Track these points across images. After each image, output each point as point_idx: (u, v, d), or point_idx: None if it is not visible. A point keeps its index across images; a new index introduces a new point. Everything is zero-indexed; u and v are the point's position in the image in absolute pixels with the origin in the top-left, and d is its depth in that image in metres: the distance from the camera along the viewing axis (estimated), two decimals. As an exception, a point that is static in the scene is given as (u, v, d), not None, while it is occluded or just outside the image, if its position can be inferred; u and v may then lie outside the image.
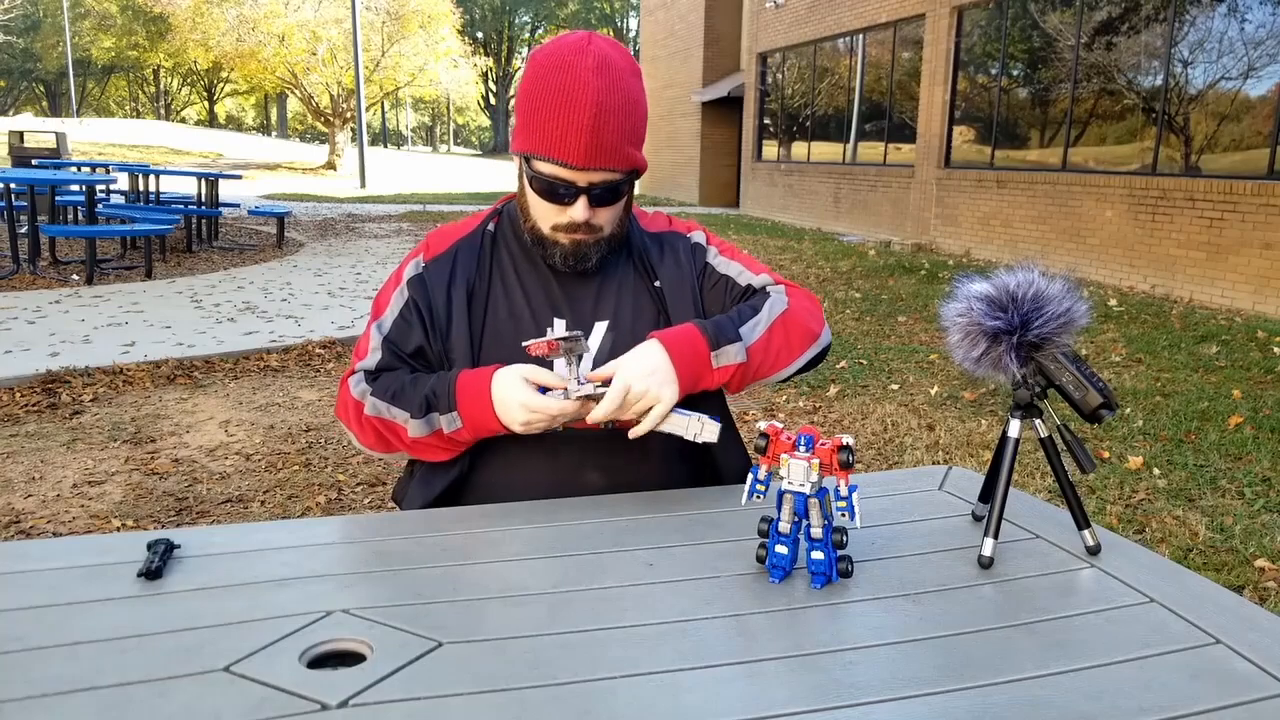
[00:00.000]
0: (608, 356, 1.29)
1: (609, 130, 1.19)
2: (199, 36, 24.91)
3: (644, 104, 1.26)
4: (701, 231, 1.44)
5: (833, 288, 8.08)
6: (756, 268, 1.40)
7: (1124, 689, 0.80)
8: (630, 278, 1.36)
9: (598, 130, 1.18)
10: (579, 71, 1.18)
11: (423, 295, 1.32)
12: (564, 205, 1.23)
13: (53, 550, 1.06)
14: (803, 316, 1.33)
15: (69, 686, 0.77)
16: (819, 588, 0.97)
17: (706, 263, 1.40)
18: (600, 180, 1.22)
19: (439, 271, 1.33)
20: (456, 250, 1.34)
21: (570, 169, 1.20)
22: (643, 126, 1.25)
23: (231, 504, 3.11)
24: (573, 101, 1.18)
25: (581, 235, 1.26)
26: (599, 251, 1.29)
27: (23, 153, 11.64)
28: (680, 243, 1.41)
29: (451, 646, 0.85)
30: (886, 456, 3.75)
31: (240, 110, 65.66)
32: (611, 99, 1.19)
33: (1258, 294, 7.13)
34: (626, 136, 1.21)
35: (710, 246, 1.41)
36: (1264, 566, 2.74)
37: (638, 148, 1.25)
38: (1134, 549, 1.10)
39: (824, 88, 14.56)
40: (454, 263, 1.33)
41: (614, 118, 1.19)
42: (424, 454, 1.28)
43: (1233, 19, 7.62)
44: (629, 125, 1.21)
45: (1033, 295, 1.01)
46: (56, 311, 5.85)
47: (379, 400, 1.27)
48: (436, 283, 1.32)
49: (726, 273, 1.39)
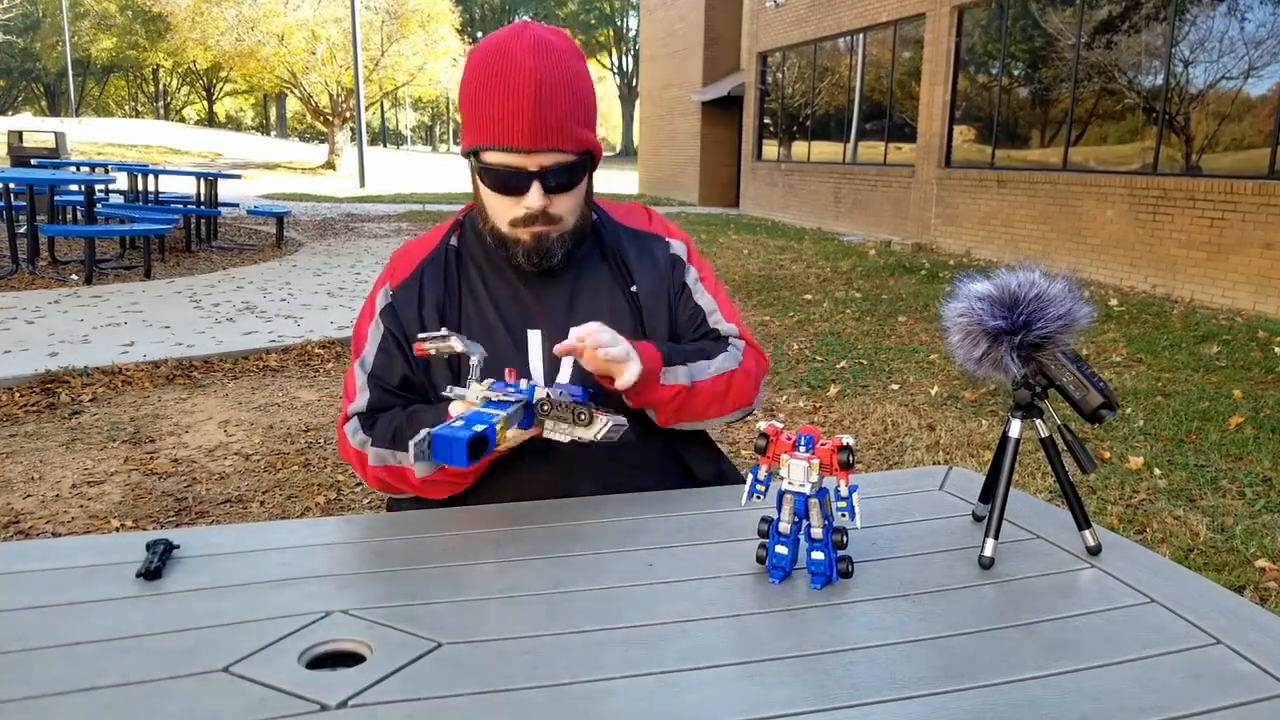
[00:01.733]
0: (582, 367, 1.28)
1: (553, 107, 1.15)
2: (198, 36, 24.92)
3: (588, 84, 1.22)
4: (683, 242, 1.39)
5: (833, 288, 8.08)
6: (729, 311, 1.37)
7: (1124, 689, 0.80)
8: (605, 280, 1.32)
9: (540, 108, 1.14)
10: (514, 54, 1.15)
11: (396, 325, 1.28)
12: (518, 196, 1.19)
13: (52, 550, 1.06)
14: (745, 382, 1.31)
15: (69, 686, 0.77)
16: (819, 588, 0.97)
17: (685, 283, 1.36)
18: (552, 163, 1.18)
19: (407, 297, 1.28)
20: (421, 271, 1.30)
21: (518, 153, 1.16)
22: (589, 106, 1.21)
23: (231, 504, 3.11)
24: (511, 84, 1.14)
25: (540, 227, 1.22)
26: (563, 246, 1.25)
27: (22, 152, 11.64)
28: (659, 248, 1.36)
29: (451, 647, 0.85)
30: (887, 456, 3.75)
31: (239, 110, 65.66)
32: (551, 75, 1.15)
33: (1258, 294, 7.13)
34: (572, 114, 1.17)
35: (691, 266, 1.37)
36: (1265, 567, 2.74)
37: (589, 128, 1.20)
38: (1134, 549, 1.10)
39: (824, 87, 14.56)
40: (420, 285, 1.29)
41: (557, 94, 1.15)
42: (436, 493, 1.25)
43: (1233, 18, 7.62)
44: (574, 103, 1.18)
45: (1034, 295, 1.01)
46: (55, 311, 5.84)
47: (381, 449, 1.24)
48: (406, 309, 1.28)
49: (701, 304, 1.35)
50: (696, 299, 1.35)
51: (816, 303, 7.29)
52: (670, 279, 1.34)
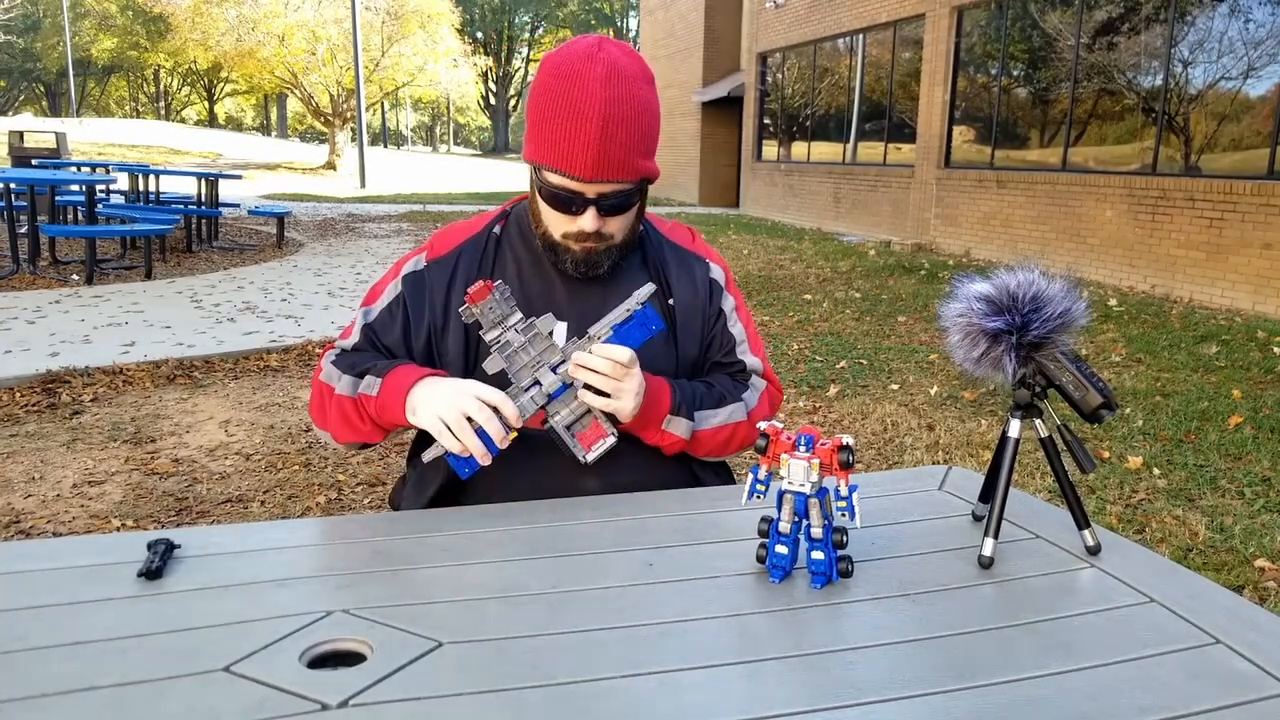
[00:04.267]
0: None
1: (617, 143, 1.17)
2: (199, 36, 24.91)
3: (655, 111, 1.23)
4: (722, 269, 1.41)
5: (833, 288, 8.08)
6: (757, 345, 1.40)
7: (1124, 689, 0.80)
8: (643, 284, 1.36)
9: (605, 143, 1.16)
10: (587, 82, 1.16)
11: (415, 294, 1.31)
12: (573, 215, 1.23)
13: (53, 550, 1.06)
14: (750, 433, 1.33)
15: (69, 686, 0.77)
16: (819, 588, 0.97)
17: (722, 309, 1.38)
18: (610, 191, 1.21)
19: (440, 273, 1.31)
20: (460, 253, 1.33)
21: (578, 181, 1.19)
22: (654, 134, 1.23)
23: (231, 504, 3.11)
24: (580, 114, 1.16)
25: (592, 244, 1.25)
26: (610, 259, 1.28)
27: (23, 153, 11.63)
28: (699, 269, 1.38)
29: (451, 646, 0.85)
30: (886, 456, 3.75)
31: (240, 110, 65.66)
32: (620, 110, 1.17)
33: (1258, 294, 7.13)
34: (635, 147, 1.20)
35: (729, 294, 1.39)
36: (1264, 566, 2.74)
37: (648, 157, 1.23)
38: (1134, 549, 1.10)
39: (824, 88, 14.56)
40: (455, 265, 1.31)
41: (622, 129, 1.17)
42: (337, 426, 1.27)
43: (1233, 19, 7.62)
44: (638, 136, 1.20)
45: (1033, 295, 1.01)
46: (56, 311, 5.84)
47: (333, 367, 1.29)
48: (436, 284, 1.30)
49: (732, 332, 1.38)
50: (730, 327, 1.38)
51: (816, 303, 7.29)
52: (708, 302, 1.37)
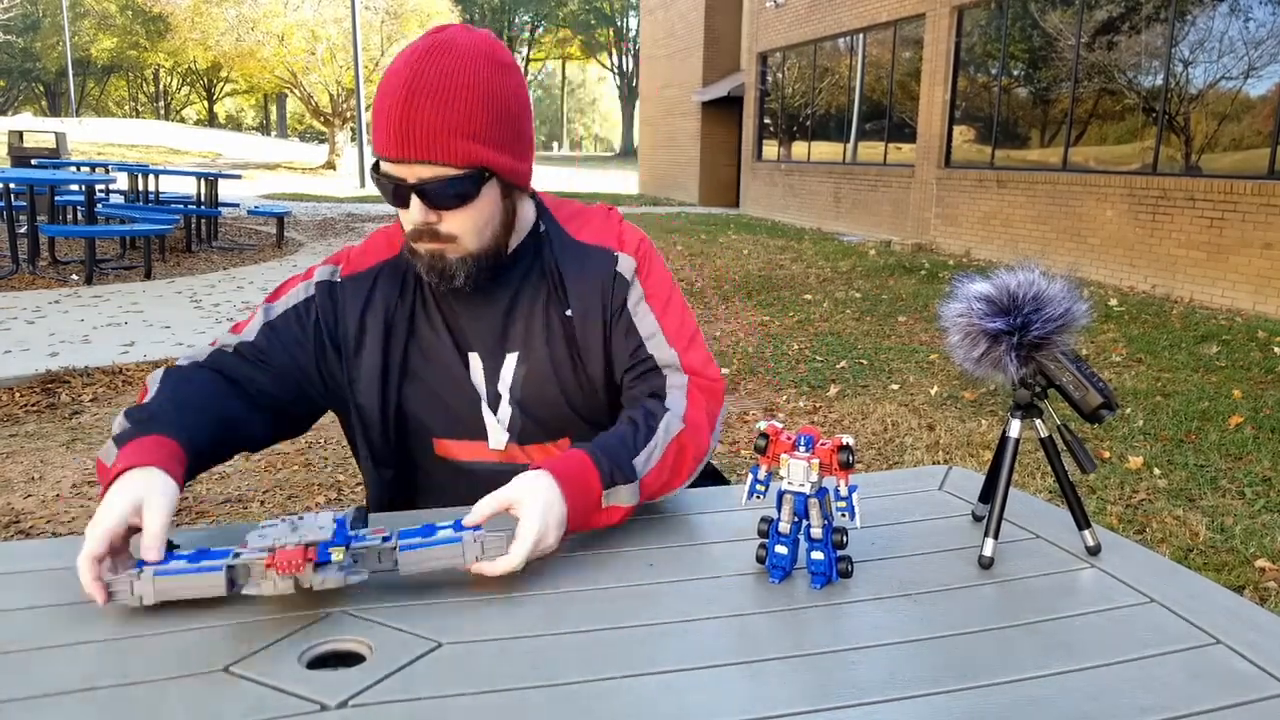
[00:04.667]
0: (520, 390, 1.21)
1: (423, 115, 1.04)
2: (198, 36, 24.92)
3: (496, 92, 1.08)
4: (633, 257, 1.23)
5: (833, 288, 8.08)
6: (674, 335, 1.21)
7: (1124, 689, 0.80)
8: (540, 301, 1.22)
9: (409, 114, 1.04)
10: (405, 56, 1.07)
11: (327, 305, 1.20)
12: (404, 208, 1.11)
13: (52, 550, 1.06)
14: (696, 437, 1.15)
15: (69, 686, 0.77)
16: (819, 588, 0.97)
17: (625, 305, 1.22)
18: (430, 176, 1.07)
19: (355, 291, 1.20)
20: (377, 273, 1.22)
21: (393, 163, 1.07)
22: (488, 117, 1.07)
23: (231, 504, 3.11)
24: (389, 87, 1.06)
25: (432, 244, 1.12)
26: (464, 267, 1.13)
27: (22, 152, 11.64)
28: (605, 264, 1.22)
29: (451, 647, 0.85)
30: (886, 456, 3.75)
31: (240, 110, 65.67)
32: (432, 82, 1.04)
33: (1258, 294, 7.13)
34: (453, 126, 1.05)
35: (636, 283, 1.22)
36: (1264, 566, 2.74)
37: (479, 141, 1.07)
38: (1134, 549, 1.10)
39: (824, 87, 14.56)
40: (373, 285, 1.21)
41: (430, 100, 1.04)
42: None
43: (1233, 18, 7.62)
44: (457, 112, 1.05)
45: (1033, 295, 1.01)
46: (56, 311, 5.84)
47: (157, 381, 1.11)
48: (350, 302, 1.20)
49: (638, 327, 1.21)
50: (636, 321, 1.21)
51: (816, 303, 7.29)
52: (610, 300, 1.21)
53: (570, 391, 1.23)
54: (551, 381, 1.22)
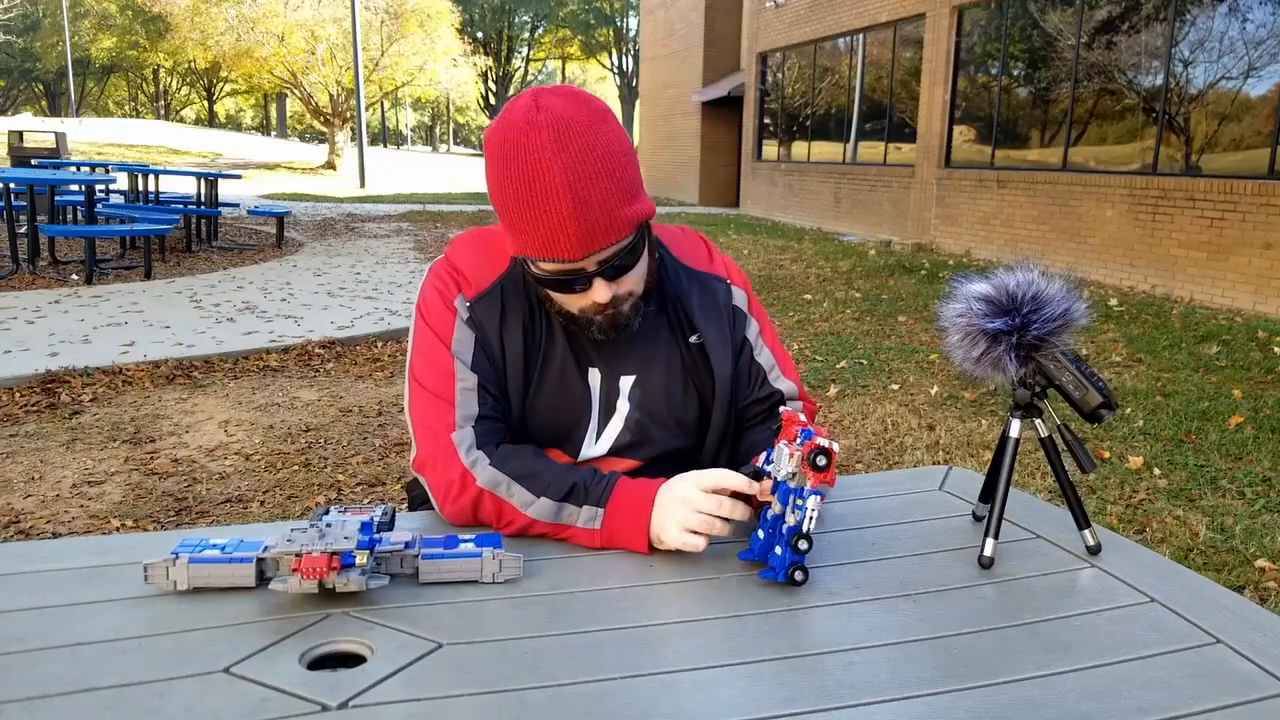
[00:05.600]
0: (635, 412, 1.24)
1: (594, 208, 1.04)
2: (198, 35, 24.92)
3: (623, 149, 1.09)
4: (744, 290, 1.33)
5: (833, 288, 8.08)
6: (788, 366, 1.32)
7: (1124, 689, 0.80)
8: (663, 330, 1.25)
9: (582, 216, 1.04)
10: (538, 156, 1.03)
11: (481, 333, 1.20)
12: (582, 293, 1.12)
13: (52, 551, 1.06)
14: None
15: (69, 687, 0.77)
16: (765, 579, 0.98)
17: (746, 338, 1.31)
18: (610, 255, 1.09)
19: (488, 312, 1.20)
20: (501, 290, 1.21)
21: (571, 262, 1.08)
22: (630, 175, 1.09)
23: (231, 504, 3.11)
24: (544, 195, 1.04)
25: (613, 309, 1.15)
26: (638, 312, 1.18)
27: (22, 152, 11.65)
28: (720, 291, 1.30)
29: (451, 647, 0.85)
30: (886, 456, 3.75)
31: (239, 110, 65.66)
32: (584, 171, 1.04)
33: (1258, 294, 7.13)
34: (616, 200, 1.06)
35: (753, 319, 1.32)
36: (1264, 566, 2.74)
37: (633, 201, 1.09)
38: (1134, 549, 1.10)
39: (824, 87, 14.56)
40: (502, 300, 1.21)
41: (594, 190, 1.04)
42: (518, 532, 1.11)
43: (1233, 18, 7.62)
44: (614, 187, 1.06)
45: (1032, 295, 1.01)
46: (56, 311, 5.85)
47: (498, 473, 1.11)
48: (487, 322, 1.20)
49: (760, 361, 1.30)
50: (757, 355, 1.30)
51: (816, 303, 7.29)
52: (733, 334, 1.29)
53: (677, 411, 1.26)
54: (663, 404, 1.25)
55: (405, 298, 6.93)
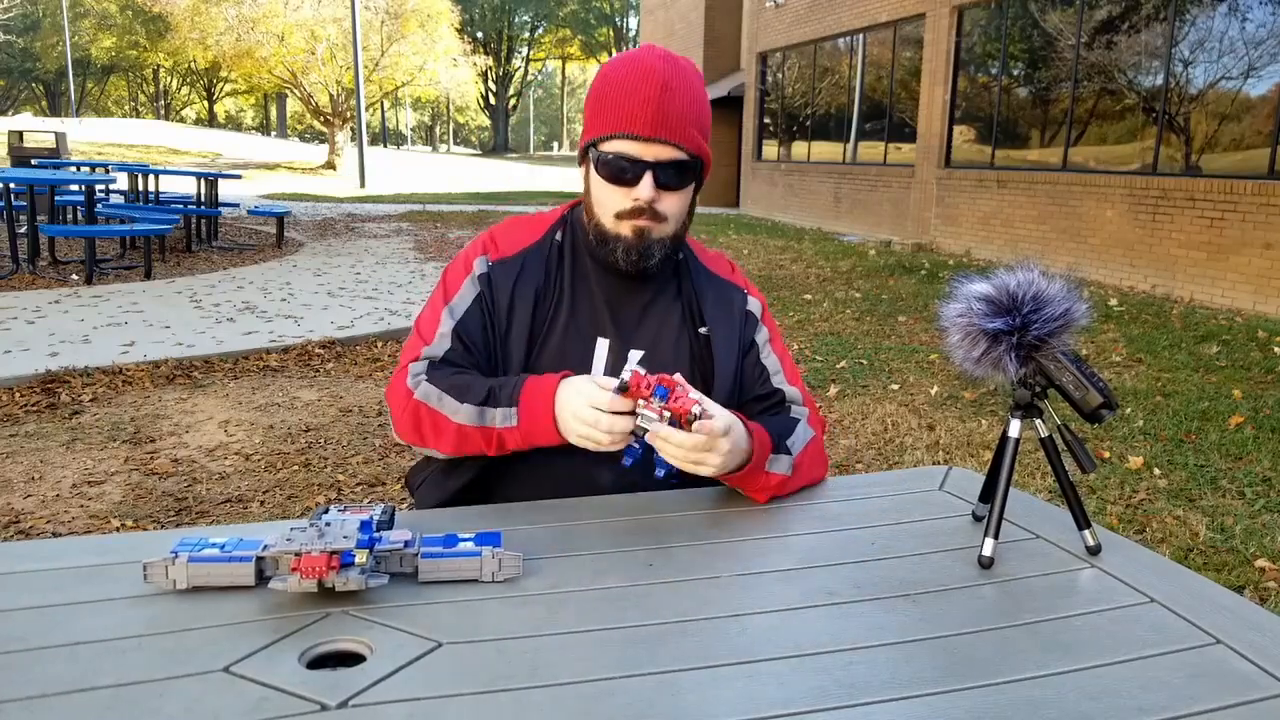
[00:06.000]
0: None
1: (675, 104, 1.21)
2: (198, 35, 24.90)
3: (707, 102, 1.28)
4: (759, 301, 1.42)
5: (833, 288, 8.08)
6: (793, 375, 1.39)
7: (1124, 689, 0.80)
8: (675, 315, 1.35)
9: (664, 102, 1.21)
10: (647, 59, 1.24)
11: (488, 293, 1.31)
12: (630, 186, 1.24)
13: (52, 550, 1.06)
14: (821, 445, 1.33)
15: (69, 687, 0.77)
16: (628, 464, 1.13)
17: (755, 340, 1.39)
18: (667, 158, 1.23)
19: (505, 273, 1.31)
20: (525, 257, 1.33)
21: (637, 141, 1.22)
22: (706, 119, 1.27)
23: (231, 504, 3.11)
24: (640, 79, 1.22)
25: (645, 221, 1.25)
26: (662, 249, 1.28)
27: (22, 152, 11.64)
28: (736, 299, 1.39)
29: (451, 646, 0.85)
30: (886, 456, 3.75)
31: (239, 110, 65.66)
32: (678, 80, 1.23)
33: (1258, 294, 7.13)
34: (693, 118, 1.24)
35: (764, 326, 1.40)
36: (1264, 566, 2.74)
37: (704, 137, 1.26)
38: (1134, 549, 1.10)
39: (824, 87, 14.56)
40: (521, 267, 1.32)
41: (680, 96, 1.22)
42: (456, 448, 1.23)
43: (1233, 18, 7.62)
44: (695, 109, 1.24)
45: (1033, 295, 1.01)
46: (56, 311, 5.85)
47: (431, 387, 1.23)
48: (501, 285, 1.31)
49: (767, 364, 1.38)
50: (764, 358, 1.38)
51: (816, 303, 7.29)
52: (744, 334, 1.37)
53: None
54: None
55: (405, 298, 6.93)
